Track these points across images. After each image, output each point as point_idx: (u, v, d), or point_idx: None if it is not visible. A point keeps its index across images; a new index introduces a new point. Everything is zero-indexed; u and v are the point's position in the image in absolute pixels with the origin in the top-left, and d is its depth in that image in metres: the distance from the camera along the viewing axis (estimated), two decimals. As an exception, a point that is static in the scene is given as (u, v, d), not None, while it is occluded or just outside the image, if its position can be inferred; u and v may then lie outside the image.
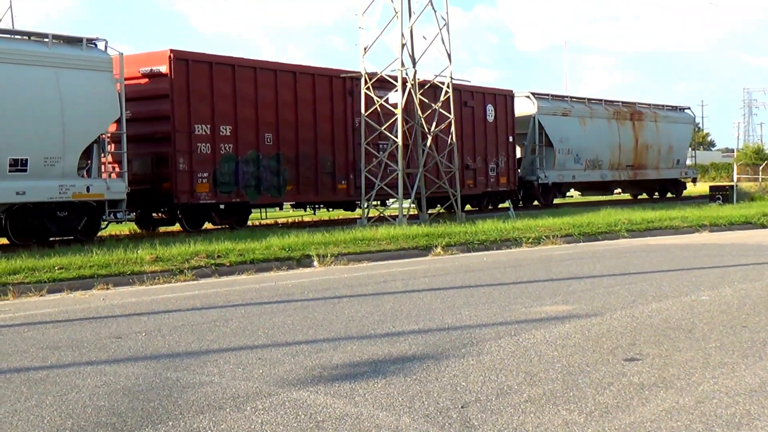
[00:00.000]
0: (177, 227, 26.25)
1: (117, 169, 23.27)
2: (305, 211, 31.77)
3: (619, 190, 46.96)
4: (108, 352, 8.91)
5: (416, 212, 29.62)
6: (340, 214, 33.42)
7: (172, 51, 23.98)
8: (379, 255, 18.77)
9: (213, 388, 7.30)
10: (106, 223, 23.03)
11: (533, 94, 38.31)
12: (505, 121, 36.09)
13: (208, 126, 24.68)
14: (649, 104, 46.20)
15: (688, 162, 49.84)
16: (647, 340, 8.90)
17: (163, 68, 24.02)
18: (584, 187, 44.02)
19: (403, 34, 27.03)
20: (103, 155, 22.41)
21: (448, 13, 28.55)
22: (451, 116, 28.77)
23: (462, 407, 6.61)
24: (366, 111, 27.51)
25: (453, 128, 29.03)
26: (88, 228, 22.00)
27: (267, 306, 11.99)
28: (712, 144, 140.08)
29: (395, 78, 27.50)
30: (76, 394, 7.18)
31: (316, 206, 30.48)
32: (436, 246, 19.77)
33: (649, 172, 44.63)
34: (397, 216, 26.89)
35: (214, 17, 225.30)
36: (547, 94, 39.35)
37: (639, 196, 47.65)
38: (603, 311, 10.70)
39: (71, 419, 6.51)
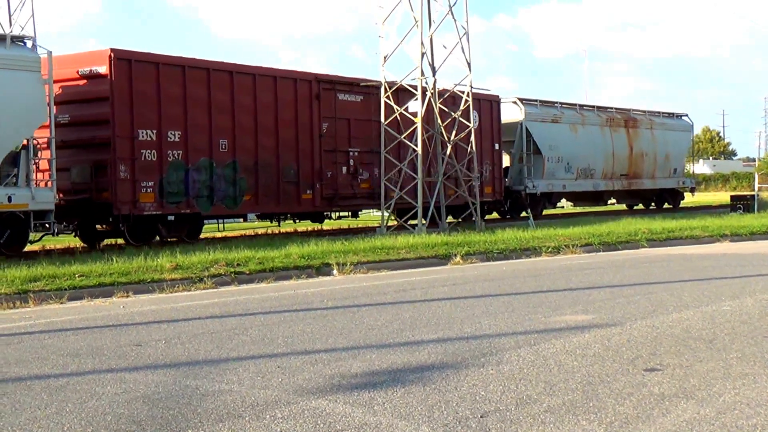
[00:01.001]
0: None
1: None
2: (271, 222, 29.92)
3: (614, 200, 45.25)
4: (128, 359, 8.94)
5: (394, 222, 28.99)
6: (307, 225, 31.81)
7: (112, 50, 22.39)
8: (398, 264, 18.76)
9: (232, 396, 7.30)
10: (38, 236, 21.98)
11: (520, 99, 36.59)
12: (491, 128, 34.29)
13: (154, 131, 22.98)
14: (645, 111, 44.70)
15: (687, 170, 48.08)
16: (668, 350, 8.85)
17: (103, 69, 22.32)
18: (576, 198, 42.49)
19: (423, 43, 27.03)
20: (34, 162, 20.89)
21: (468, 21, 28.55)
22: (471, 125, 28.74)
23: (481, 417, 6.59)
24: (386, 120, 27.48)
25: (473, 137, 28.99)
26: (13, 241, 20.39)
27: (286, 314, 12.00)
28: (733, 153, 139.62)
29: (415, 87, 27.48)
30: (96, 402, 7.20)
31: (281, 217, 28.84)
32: (455, 255, 19.74)
33: (644, 182, 43.10)
34: (416, 225, 26.84)
35: (235, 25, 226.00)
36: (536, 100, 37.63)
37: (635, 207, 46.01)
38: (623, 321, 10.65)
39: (91, 427, 6.52)
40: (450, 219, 31.66)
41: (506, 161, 35.89)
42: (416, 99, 27.30)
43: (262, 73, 25.90)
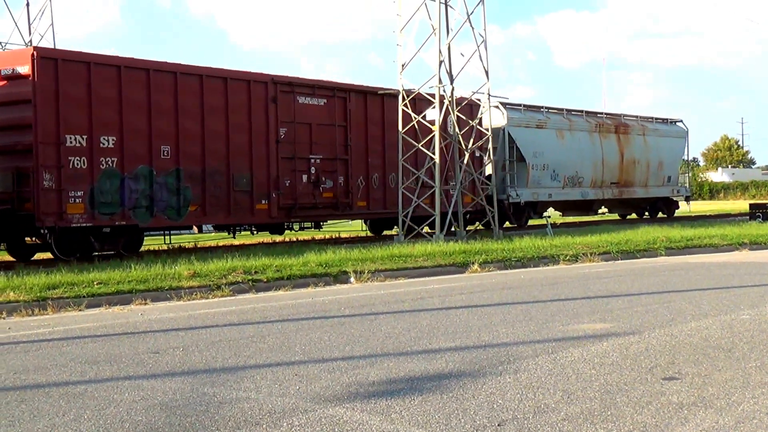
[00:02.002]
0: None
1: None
2: (228, 233, 28.37)
3: (605, 209, 43.30)
4: (146, 366, 8.96)
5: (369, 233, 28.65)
6: (265, 237, 30.30)
7: (36, 49, 21.25)
8: (416, 272, 18.76)
9: (250, 404, 7.31)
10: None
11: (502, 103, 34.32)
12: (470, 134, 30.75)
13: (84, 137, 21.10)
14: (637, 116, 42.86)
15: (681, 179, 45.95)
16: (686, 359, 8.82)
17: (25, 69, 20.66)
18: (564, 207, 39.81)
19: (440, 51, 27.04)
20: None
21: (485, 29, 28.54)
22: (489, 133, 28.71)
23: (499, 425, 6.57)
24: (403, 128, 27.48)
25: (489, 144, 28.95)
26: None
27: (304, 322, 12.01)
28: (752, 161, 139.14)
29: (432, 95, 27.48)
30: (114, 409, 7.22)
31: (236, 229, 27.33)
32: (473, 263, 19.71)
33: (636, 190, 41.24)
34: (434, 233, 26.82)
35: (254, 34, 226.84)
36: (520, 104, 35.73)
37: (628, 216, 44.37)
38: (641, 330, 10.62)
39: (109, 434, 6.54)
40: (427, 230, 30.35)
41: (489, 169, 33.06)
42: (434, 107, 27.29)
43: (210, 74, 24.19)
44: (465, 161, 28.58)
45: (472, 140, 28.57)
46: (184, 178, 23.16)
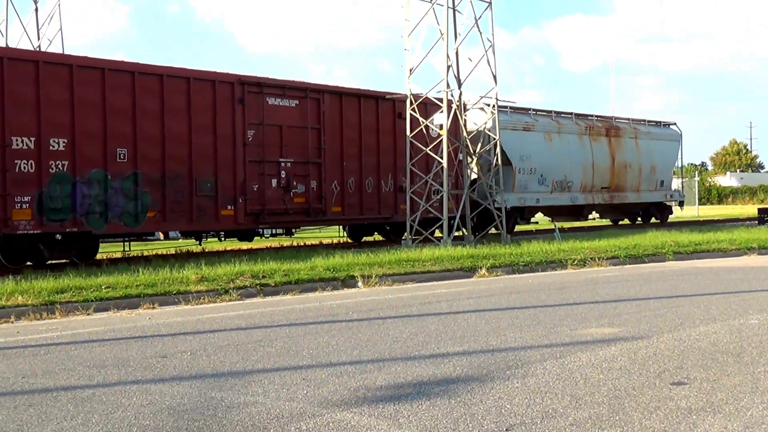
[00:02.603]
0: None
1: None
2: (196, 241, 27.37)
3: (596, 215, 41.91)
4: (153, 371, 8.97)
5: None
6: (234, 244, 29.64)
7: None
8: (423, 276, 18.75)
9: (257, 408, 7.31)
10: None
11: (487, 105, 31.52)
12: (454, 136, 29.40)
13: (32, 139, 20.09)
14: (629, 119, 41.44)
15: (675, 184, 44.62)
16: (695, 363, 8.80)
17: None
18: (553, 212, 37.91)
19: (448, 56, 27.04)
20: None
21: (494, 34, 28.54)
22: (497, 137, 28.68)
23: (506, 430, 6.56)
24: (411, 132, 27.48)
25: (498, 149, 28.92)
26: None
27: (311, 326, 12.01)
28: (761, 166, 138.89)
29: (440, 99, 27.48)
30: (122, 413, 7.23)
31: (203, 235, 26.38)
32: (480, 267, 19.70)
33: (628, 195, 39.75)
34: (441, 237, 26.81)
35: (263, 38, 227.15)
36: (506, 106, 33.63)
37: (620, 222, 43.21)
38: (650, 334, 10.60)
39: (117, 438, 6.55)
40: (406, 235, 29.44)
41: (475, 173, 32.06)
42: (441, 111, 27.28)
43: (171, 74, 23.05)
44: (473, 165, 28.53)
45: (480, 144, 28.47)
46: (143, 182, 22.13)
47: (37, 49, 36.19)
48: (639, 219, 42.88)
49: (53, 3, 38.66)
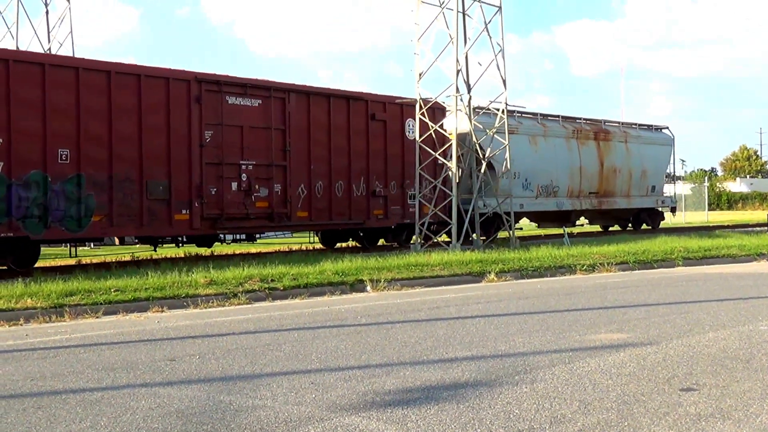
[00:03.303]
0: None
1: None
2: (154, 248, 26.28)
3: (585, 221, 40.87)
4: (162, 374, 8.97)
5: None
6: (191, 250, 28.56)
7: None
8: (432, 281, 18.74)
9: (266, 412, 7.31)
10: None
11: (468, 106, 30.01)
12: (432, 139, 28.65)
13: None
14: (619, 122, 40.26)
15: (667, 189, 43.32)
16: (704, 369, 8.77)
17: None
18: (539, 218, 37.01)
19: (458, 60, 27.05)
20: None
21: (503, 39, 28.53)
22: (506, 142, 28.65)
23: (515, 435, 6.55)
24: (420, 137, 27.47)
25: (507, 154, 28.88)
26: None
27: (320, 330, 12.01)
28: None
29: (450, 103, 27.46)
30: (131, 416, 7.23)
31: (157, 241, 24.96)
32: (489, 272, 19.68)
33: (617, 201, 38.58)
34: (450, 242, 26.78)
35: (272, 42, 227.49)
36: (488, 108, 31.61)
37: (610, 228, 42.33)
38: (659, 340, 10.57)
39: (125, 441, 6.55)
40: (382, 242, 29.76)
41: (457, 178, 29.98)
42: (450, 114, 27.25)
43: (120, 71, 21.76)
44: (482, 170, 28.50)
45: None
46: (87, 185, 20.85)
47: (47, 52, 36.28)
48: (630, 225, 41.86)
49: (64, 6, 38.79)
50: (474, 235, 28.53)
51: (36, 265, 21.60)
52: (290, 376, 8.77)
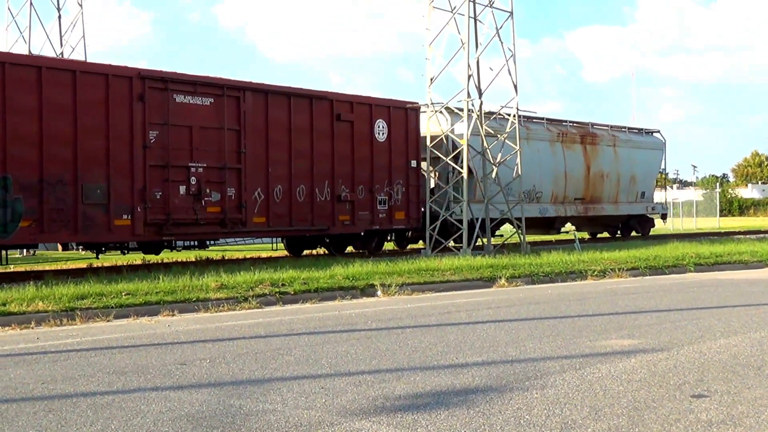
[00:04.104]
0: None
1: None
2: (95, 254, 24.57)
3: (572, 227, 38.79)
4: (173, 378, 8.98)
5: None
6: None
7: None
8: (442, 286, 18.73)
9: (276, 416, 7.31)
10: None
11: (447, 108, 29.55)
12: (405, 142, 28.29)
13: None
14: (607, 125, 38.51)
15: (658, 195, 42.06)
16: (715, 376, 8.74)
17: None
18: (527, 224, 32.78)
19: (469, 65, 27.06)
20: None
21: (514, 44, 28.53)
22: (518, 147, 28.63)
23: (525, 441, 6.54)
24: (431, 142, 27.46)
25: (519, 158, 28.85)
26: None
27: (330, 335, 12.01)
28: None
29: (461, 108, 27.46)
30: (141, 420, 7.24)
31: (100, 248, 23.25)
32: (500, 277, 19.66)
33: (605, 207, 37.05)
34: (461, 247, 26.77)
35: (283, 47, 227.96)
36: (470, 110, 29.31)
37: (599, 235, 41.35)
38: (670, 346, 10.54)
39: (136, 444, 6.56)
40: (350, 249, 28.68)
41: (434, 182, 30.02)
42: (462, 121, 27.25)
43: (52, 66, 20.75)
44: (494, 174, 28.49)
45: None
46: (14, 188, 19.60)
47: (60, 56, 36.38)
48: (619, 233, 40.72)
49: (76, 10, 38.89)
50: (485, 240, 28.50)
51: (47, 269, 21.59)
52: (300, 380, 8.77)
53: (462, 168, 26.97)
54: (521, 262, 22.29)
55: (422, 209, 28.81)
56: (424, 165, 29.87)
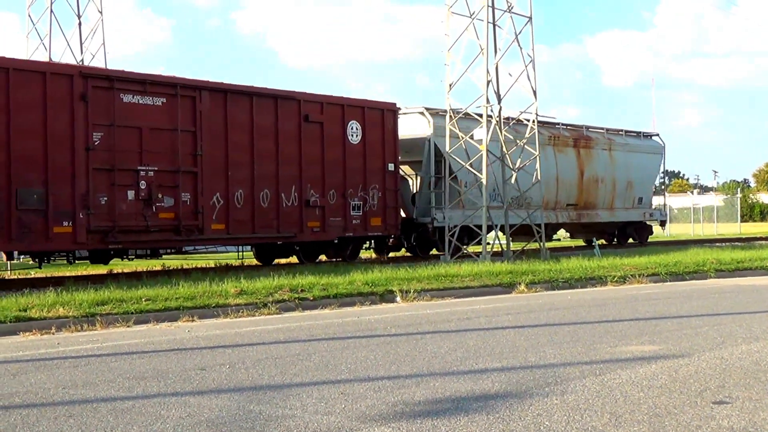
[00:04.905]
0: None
1: None
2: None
3: (566, 234, 38.15)
4: (192, 383, 9.00)
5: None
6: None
7: None
8: (462, 291, 18.70)
9: (295, 422, 7.31)
10: None
11: (428, 109, 29.13)
12: (382, 144, 27.14)
13: None
14: (603, 128, 37.28)
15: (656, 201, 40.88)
16: (737, 382, 8.69)
17: None
18: (511, 232, 30.13)
19: (488, 71, 27.04)
20: None
21: (533, 49, 28.50)
22: (536, 152, 28.57)
23: (545, 447, 6.51)
24: (450, 147, 27.43)
25: (538, 164, 28.80)
26: None
27: (350, 341, 12.00)
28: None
29: (480, 114, 27.43)
30: (161, 425, 7.25)
31: (42, 257, 21.93)
32: (519, 283, 19.61)
33: (599, 213, 35.75)
34: (480, 252, 26.72)
35: (303, 54, 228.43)
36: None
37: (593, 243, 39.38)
38: (691, 352, 10.49)
39: (155, 450, 6.57)
40: (323, 258, 27.47)
41: (417, 186, 29.19)
42: (481, 126, 27.22)
43: None
44: (513, 180, 28.45)
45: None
46: None
47: (80, 63, 36.55)
48: (615, 240, 39.18)
49: (96, 17, 39.07)
50: (505, 246, 28.45)
51: (67, 275, 21.56)
52: (320, 386, 8.77)
53: (482, 174, 26.92)
54: (541, 267, 22.24)
55: (400, 215, 27.90)
56: (408, 169, 29.25)
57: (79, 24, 39.10)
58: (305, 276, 18.96)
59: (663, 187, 44.25)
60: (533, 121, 28.76)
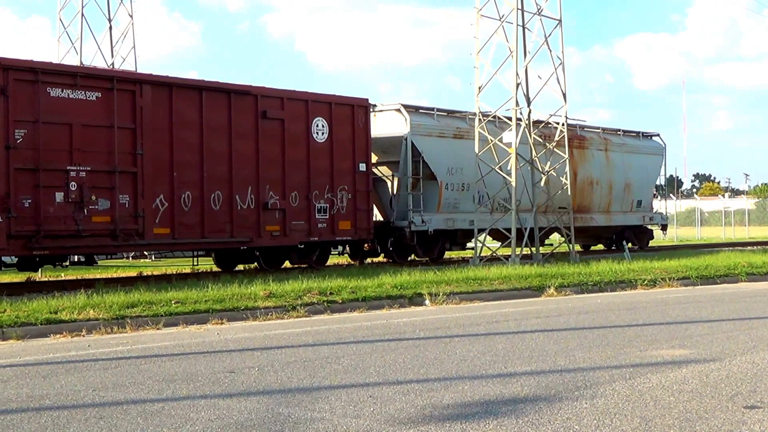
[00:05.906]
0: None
1: None
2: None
3: (561, 239, 33.26)
4: (221, 386, 9.02)
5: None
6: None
7: None
8: (491, 295, 18.65)
9: (324, 425, 7.31)
10: None
11: (406, 106, 27.69)
12: (352, 142, 25.45)
13: None
14: (600, 128, 35.70)
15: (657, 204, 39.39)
16: (769, 387, 8.62)
17: None
18: (498, 235, 29.80)
19: (518, 74, 26.97)
20: None
21: (563, 52, 28.39)
22: (566, 155, 28.47)
23: (575, 451, 6.48)
24: (479, 150, 27.36)
25: (568, 167, 28.68)
26: None
27: (378, 344, 12.00)
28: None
29: (509, 117, 27.36)
30: (191, 427, 7.27)
31: None
32: (548, 287, 19.54)
33: (594, 217, 34.01)
34: (509, 256, 26.65)
35: (333, 57, 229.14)
36: (432, 108, 28.79)
37: (592, 248, 38.23)
38: (722, 356, 10.41)
39: (185, 452, 6.58)
40: (286, 265, 26.22)
41: (395, 189, 27.91)
42: (511, 129, 27.14)
43: None
44: (542, 183, 28.35)
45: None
46: None
47: (111, 67, 36.75)
48: (614, 245, 37.11)
49: (127, 21, 39.34)
50: (533, 249, 28.36)
51: (97, 277, 21.48)
52: (349, 389, 8.77)
53: (511, 177, 26.83)
54: (570, 271, 22.15)
55: (373, 218, 26.44)
56: (386, 169, 27.93)
57: (110, 28, 39.40)
58: (334, 279, 18.98)
59: (663, 189, 43.07)
60: (562, 124, 28.64)
